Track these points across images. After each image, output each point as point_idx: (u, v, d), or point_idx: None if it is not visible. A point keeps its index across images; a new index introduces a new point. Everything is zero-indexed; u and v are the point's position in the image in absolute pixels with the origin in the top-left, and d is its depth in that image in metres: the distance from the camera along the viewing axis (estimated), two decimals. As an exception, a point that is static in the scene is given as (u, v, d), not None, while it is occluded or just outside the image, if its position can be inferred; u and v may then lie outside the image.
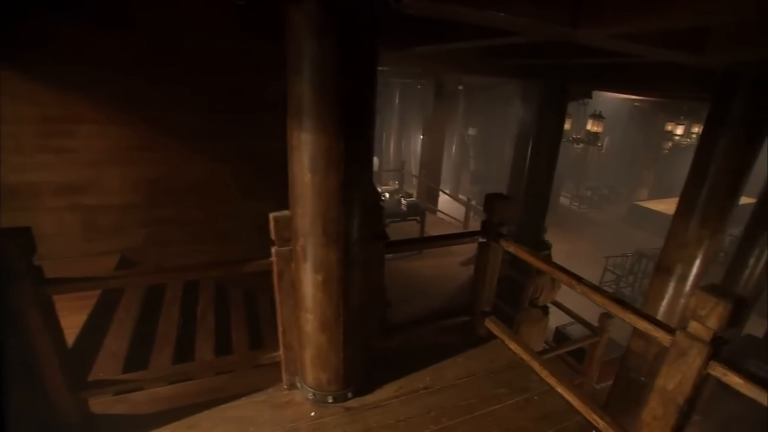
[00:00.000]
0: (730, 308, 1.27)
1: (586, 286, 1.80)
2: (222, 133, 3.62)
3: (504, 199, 2.24)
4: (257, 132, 3.58)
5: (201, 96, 3.46)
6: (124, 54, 3.14)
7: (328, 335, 1.98)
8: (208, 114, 3.55)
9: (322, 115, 1.60)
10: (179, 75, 3.35)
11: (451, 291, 6.04)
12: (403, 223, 6.62)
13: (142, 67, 3.20)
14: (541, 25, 1.89)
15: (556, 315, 4.91)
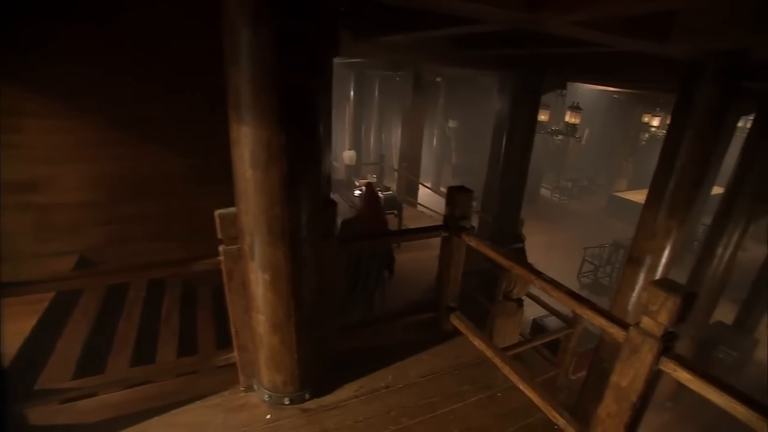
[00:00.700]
0: (679, 303, 1.23)
1: (545, 281, 1.76)
2: (182, 127, 3.48)
3: (465, 192, 2.18)
4: (219, 125, 3.44)
5: (159, 88, 3.31)
6: (79, 44, 2.98)
7: (281, 336, 1.91)
8: (167, 106, 3.40)
9: (261, 108, 1.52)
10: (135, 66, 3.19)
11: (429, 284, 5.99)
12: (380, 217, 6.52)
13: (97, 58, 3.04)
14: (498, 11, 1.82)
15: (535, 307, 4.94)
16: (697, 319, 4.77)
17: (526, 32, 3.21)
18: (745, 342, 5.69)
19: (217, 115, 3.60)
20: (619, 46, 2.71)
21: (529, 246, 9.46)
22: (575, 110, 8.09)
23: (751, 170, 4.14)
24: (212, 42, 3.24)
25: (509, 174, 5.44)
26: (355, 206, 6.61)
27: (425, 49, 4.23)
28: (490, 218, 5.91)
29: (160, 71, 3.26)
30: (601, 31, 2.04)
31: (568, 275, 8.42)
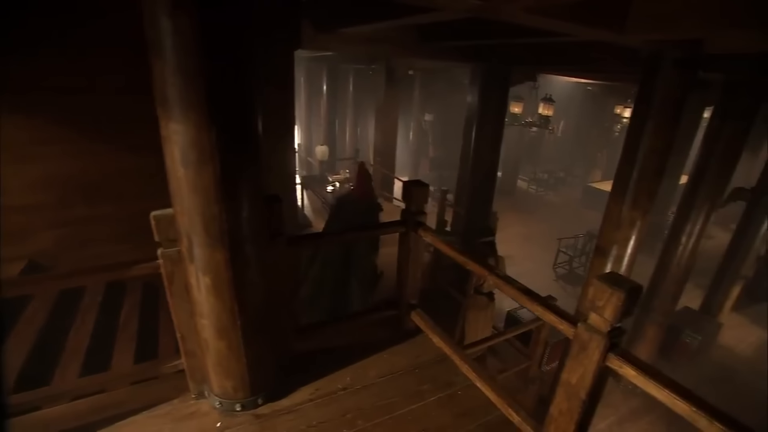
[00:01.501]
0: (623, 298, 1.20)
1: (498, 278, 1.71)
2: (134, 123, 3.31)
3: (420, 186, 2.11)
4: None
5: (106, 81, 3.14)
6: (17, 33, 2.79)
7: (227, 341, 1.83)
8: (117, 101, 3.23)
9: (189, 103, 1.43)
10: (80, 58, 3.01)
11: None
12: (354, 213, 6.44)
13: (35, 48, 2.85)
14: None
15: (509, 301, 4.95)
16: (664, 305, 4.86)
17: (490, 22, 3.16)
18: (709, 326, 5.85)
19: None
20: (579, 35, 2.68)
21: (506, 237, 9.57)
22: (548, 102, 8.13)
23: (711, 159, 4.22)
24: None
25: (480, 167, 5.42)
26: (327, 202, 6.51)
27: (392, 42, 4.15)
28: (462, 212, 5.89)
29: (116, 68, 3.10)
30: (555, 19, 2.00)
31: (545, 266, 8.52)
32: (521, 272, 8.20)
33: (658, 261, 4.95)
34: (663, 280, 4.84)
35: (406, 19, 2.44)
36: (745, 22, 1.92)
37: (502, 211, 11.04)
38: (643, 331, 4.99)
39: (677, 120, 3.31)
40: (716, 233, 10.27)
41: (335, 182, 6.94)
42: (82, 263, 3.35)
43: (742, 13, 1.91)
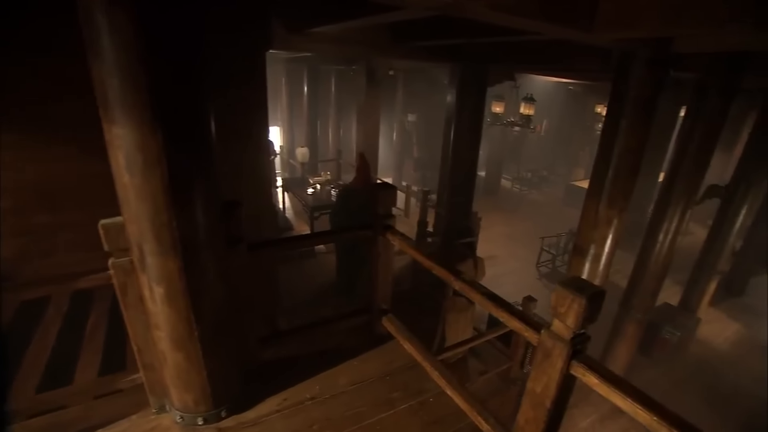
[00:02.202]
0: (585, 304, 1.16)
1: (464, 283, 1.66)
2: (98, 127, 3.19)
3: (388, 189, 2.06)
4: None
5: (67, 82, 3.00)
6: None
7: (185, 352, 1.75)
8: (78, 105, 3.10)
9: (131, 106, 1.36)
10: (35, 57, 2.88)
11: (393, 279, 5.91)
12: (335, 215, 6.36)
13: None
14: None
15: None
16: (643, 303, 4.89)
17: (460, 21, 3.13)
18: (688, 322, 5.93)
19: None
20: (548, 33, 2.66)
21: (490, 237, 9.59)
22: (529, 102, 8.17)
23: (685, 158, 4.25)
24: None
25: (459, 167, 5.40)
26: (307, 205, 6.42)
27: (365, 42, 4.09)
28: (443, 212, 5.86)
29: (75, 67, 2.97)
30: (522, 17, 1.96)
31: (529, 265, 8.55)
32: (505, 271, 8.22)
33: (637, 259, 4.98)
34: (642, 278, 4.88)
35: (372, 17, 2.39)
36: (708, 21, 1.92)
37: (487, 210, 11.09)
38: (624, 328, 5.01)
39: (650, 119, 3.33)
40: (694, 229, 10.45)
41: (316, 184, 6.84)
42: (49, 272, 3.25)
43: (705, 12, 1.91)
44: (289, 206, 8.17)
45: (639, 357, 5.66)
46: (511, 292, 7.20)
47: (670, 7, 2.01)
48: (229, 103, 3.67)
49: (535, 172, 13.93)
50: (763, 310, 7.16)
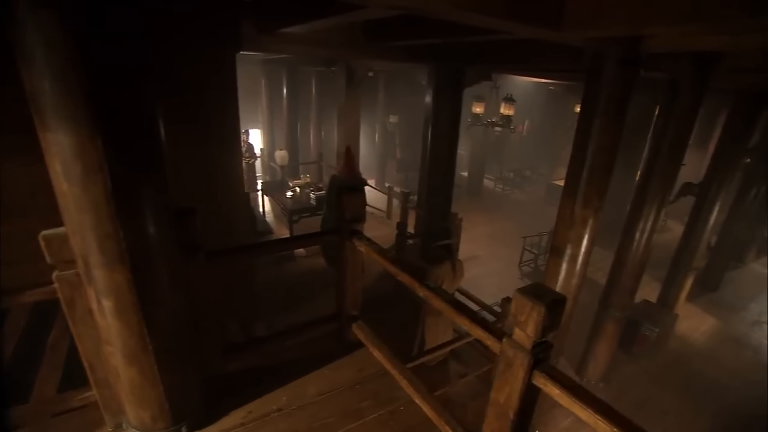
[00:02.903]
0: (544, 313, 1.11)
1: (428, 290, 1.60)
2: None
3: (354, 193, 1.99)
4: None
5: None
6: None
7: (138, 367, 1.66)
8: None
9: (65, 109, 1.29)
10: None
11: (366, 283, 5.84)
12: (314, 218, 6.28)
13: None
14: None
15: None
16: (621, 301, 4.93)
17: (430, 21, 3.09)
18: (666, 318, 6.00)
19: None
20: (519, 33, 2.65)
21: (473, 237, 9.61)
22: (509, 102, 8.20)
23: (658, 157, 4.30)
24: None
25: (436, 168, 5.37)
26: (286, 208, 6.31)
27: (339, 43, 4.03)
28: (422, 214, 5.82)
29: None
30: (489, 15, 1.92)
31: (511, 264, 8.57)
32: (488, 272, 8.24)
33: (615, 258, 5.01)
34: (620, 277, 4.91)
35: (339, 17, 2.34)
36: (674, 20, 1.91)
37: (469, 210, 11.12)
38: (604, 326, 5.04)
39: (623, 118, 3.34)
40: (672, 226, 10.65)
41: (295, 187, 6.73)
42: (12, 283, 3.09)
43: (670, 11, 1.90)
44: (269, 210, 8.04)
45: (620, 354, 5.71)
46: (493, 293, 7.23)
47: (636, 6, 1.99)
48: (198, 105, 3.57)
49: (518, 172, 14.04)
50: (736, 304, 7.32)
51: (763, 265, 9.01)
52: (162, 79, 2.98)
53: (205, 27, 3.28)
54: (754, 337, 6.50)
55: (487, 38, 3.30)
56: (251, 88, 10.98)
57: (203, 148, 3.74)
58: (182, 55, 3.34)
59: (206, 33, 3.36)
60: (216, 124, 3.71)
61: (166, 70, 3.32)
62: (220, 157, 3.84)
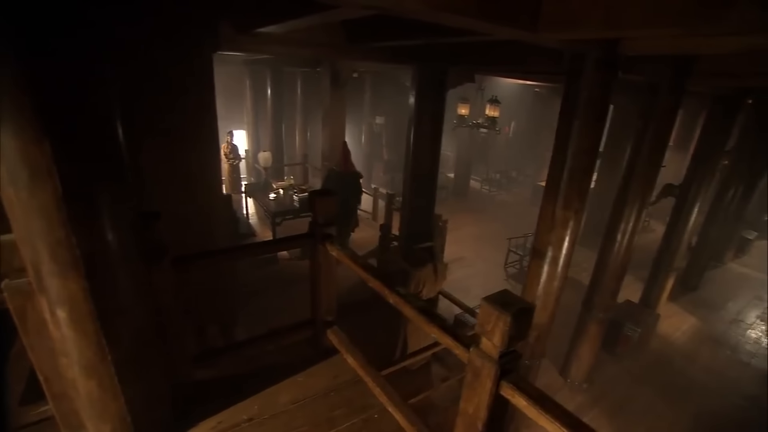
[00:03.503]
0: (510, 322, 1.08)
1: (397, 296, 1.56)
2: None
3: (326, 196, 1.94)
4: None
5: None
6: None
7: (97, 380, 1.59)
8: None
9: (8, 110, 1.20)
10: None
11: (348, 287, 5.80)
12: (298, 221, 6.21)
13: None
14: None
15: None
16: (604, 302, 4.96)
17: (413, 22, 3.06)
18: (648, 318, 6.07)
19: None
20: (495, 33, 2.63)
21: (459, 238, 9.62)
22: (494, 103, 8.22)
23: (639, 159, 4.34)
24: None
25: (418, 169, 5.34)
26: (269, 210, 6.22)
27: (319, 43, 3.97)
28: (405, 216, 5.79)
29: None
30: (463, 15, 1.90)
31: (496, 266, 8.59)
32: (473, 273, 8.24)
33: (597, 259, 5.05)
34: (602, 278, 4.94)
35: (314, 17, 2.29)
36: (647, 22, 1.91)
37: (456, 212, 11.13)
38: (587, 327, 5.07)
39: (603, 120, 3.35)
40: (656, 227, 10.80)
41: (279, 189, 6.64)
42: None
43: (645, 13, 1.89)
44: (253, 212, 7.93)
45: (603, 354, 5.76)
46: (478, 295, 7.19)
47: (611, 8, 1.99)
48: (174, 107, 3.49)
49: (504, 173, 14.12)
50: (715, 303, 7.45)
51: (741, 265, 9.21)
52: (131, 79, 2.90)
53: (181, 26, 3.20)
54: (732, 336, 6.61)
55: (467, 39, 3.29)
56: (236, 88, 10.86)
57: (180, 149, 3.65)
58: (157, 56, 3.26)
59: (182, 32, 3.28)
60: (193, 125, 3.62)
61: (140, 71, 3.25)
62: (198, 159, 3.76)
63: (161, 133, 3.53)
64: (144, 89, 3.33)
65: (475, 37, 3.16)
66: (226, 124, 11.24)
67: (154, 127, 3.50)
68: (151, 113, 3.44)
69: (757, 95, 5.97)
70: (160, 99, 3.41)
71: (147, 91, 3.36)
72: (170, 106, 3.49)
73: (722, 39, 2.28)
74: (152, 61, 3.25)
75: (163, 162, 3.62)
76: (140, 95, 3.34)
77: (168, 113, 3.50)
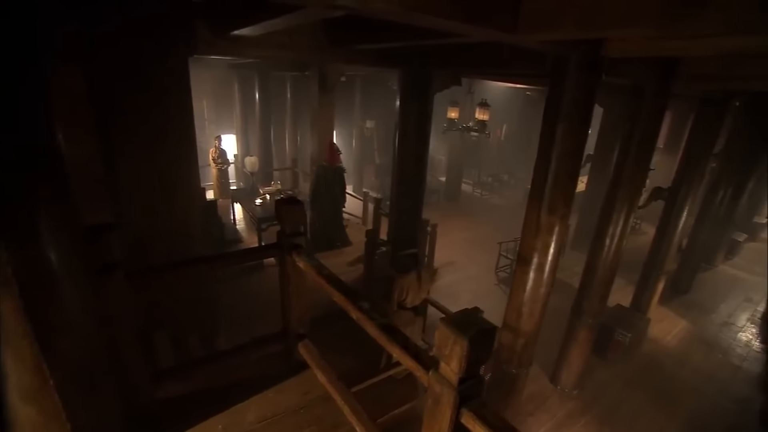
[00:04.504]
0: (467, 347, 0.99)
1: (361, 312, 1.47)
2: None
3: (293, 205, 1.85)
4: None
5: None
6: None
7: (37, 406, 1.48)
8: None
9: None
10: None
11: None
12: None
13: None
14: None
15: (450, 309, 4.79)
16: (593, 308, 4.89)
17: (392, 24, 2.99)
18: (639, 322, 6.01)
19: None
20: (474, 35, 2.56)
21: (450, 243, 9.54)
22: (484, 107, 8.17)
23: (627, 161, 4.28)
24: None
25: (404, 174, 5.26)
26: (254, 216, 6.11)
27: (304, 47, 3.89)
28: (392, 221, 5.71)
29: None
30: (438, 16, 1.82)
31: (488, 270, 8.51)
32: (464, 277, 8.16)
33: (585, 265, 4.98)
34: (591, 283, 4.87)
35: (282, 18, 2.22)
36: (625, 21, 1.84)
37: (447, 216, 11.07)
38: (576, 334, 5.00)
39: (587, 123, 3.30)
40: (647, 229, 10.78)
41: (266, 194, 6.54)
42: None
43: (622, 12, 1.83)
44: (240, 218, 7.81)
45: (594, 359, 5.69)
46: (469, 300, 7.16)
47: (587, 8, 1.92)
48: (149, 112, 3.39)
49: (496, 177, 14.09)
50: (706, 306, 7.42)
51: (732, 267, 9.20)
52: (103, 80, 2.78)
53: (155, 28, 3.11)
54: (724, 339, 6.58)
55: (449, 42, 3.22)
56: (225, 93, 10.76)
57: (158, 154, 3.56)
58: (131, 59, 3.17)
59: (156, 34, 3.19)
60: (171, 129, 3.53)
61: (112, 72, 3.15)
62: (175, 163, 3.67)
63: (138, 136, 3.44)
64: (117, 91, 3.24)
65: (457, 39, 3.10)
66: (216, 129, 11.15)
67: (130, 131, 3.41)
68: (126, 116, 3.35)
69: (743, 98, 5.97)
70: (136, 101, 3.32)
71: (121, 93, 3.27)
72: (147, 109, 3.39)
73: (701, 41, 2.22)
74: (126, 61, 3.16)
75: (141, 167, 3.52)
76: (113, 98, 3.24)
77: (144, 116, 3.41)
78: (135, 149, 3.45)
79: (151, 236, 3.66)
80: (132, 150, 3.45)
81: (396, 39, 3.33)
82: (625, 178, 4.40)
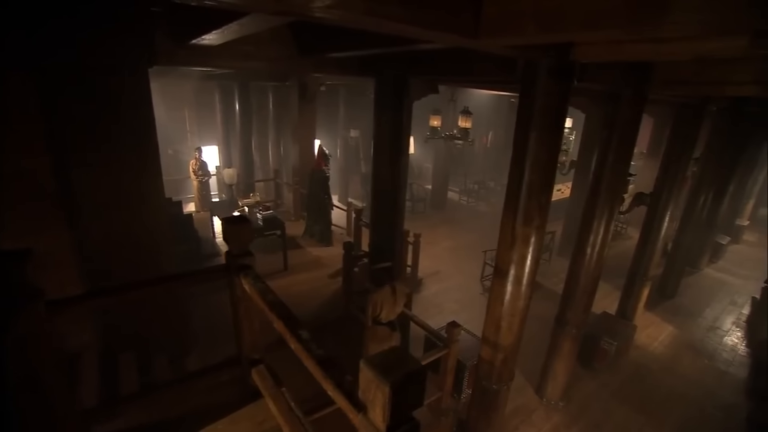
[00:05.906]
0: (389, 394, 0.87)
1: (298, 343, 1.34)
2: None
3: (240, 224, 1.72)
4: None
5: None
6: None
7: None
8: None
9: None
10: None
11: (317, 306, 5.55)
12: (262, 239, 5.94)
13: None
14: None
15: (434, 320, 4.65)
16: (576, 318, 4.79)
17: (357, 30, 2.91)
18: (625, 329, 5.94)
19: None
20: (436, 41, 2.49)
21: (436, 253, 9.44)
22: (466, 114, 8.13)
23: (605, 168, 4.23)
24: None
25: (380, 184, 5.14)
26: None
27: (272, 57, 3.79)
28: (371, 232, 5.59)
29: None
30: (387, 20, 1.73)
31: (474, 279, 8.40)
32: (449, 287, 8.04)
33: (567, 274, 4.89)
34: (574, 292, 4.78)
35: (230, 26, 2.11)
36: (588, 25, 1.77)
37: (433, 225, 10.99)
38: (560, 344, 4.89)
39: (560, 130, 3.23)
40: (633, 234, 10.79)
41: (244, 207, 6.38)
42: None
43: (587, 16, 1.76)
44: (219, 231, 7.63)
45: (580, 369, 5.59)
46: (454, 310, 7.04)
47: (551, 11, 1.85)
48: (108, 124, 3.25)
49: (482, 184, 14.07)
50: (692, 311, 7.39)
51: (716, 270, 9.22)
52: (51, 95, 2.62)
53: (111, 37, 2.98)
54: (710, 343, 6.53)
55: (416, 48, 3.14)
56: (206, 103, 10.61)
57: (116, 168, 3.41)
58: (82, 71, 3.04)
59: (112, 44, 3.06)
60: (130, 143, 3.39)
61: (64, 86, 3.01)
62: (137, 178, 3.52)
63: (97, 150, 3.29)
64: (72, 104, 3.10)
65: (425, 46, 3.03)
66: (198, 140, 10.98)
67: (87, 144, 3.26)
68: (83, 129, 3.21)
69: (719, 102, 6.00)
70: (91, 114, 3.18)
71: (77, 106, 3.13)
72: (104, 122, 3.26)
73: (669, 44, 2.16)
74: (78, 72, 3.02)
75: (101, 180, 3.38)
76: (69, 111, 3.10)
77: (102, 129, 3.27)
78: (94, 162, 3.31)
79: (114, 252, 3.50)
80: (91, 163, 3.30)
81: (363, 47, 3.25)
82: (605, 186, 4.34)
